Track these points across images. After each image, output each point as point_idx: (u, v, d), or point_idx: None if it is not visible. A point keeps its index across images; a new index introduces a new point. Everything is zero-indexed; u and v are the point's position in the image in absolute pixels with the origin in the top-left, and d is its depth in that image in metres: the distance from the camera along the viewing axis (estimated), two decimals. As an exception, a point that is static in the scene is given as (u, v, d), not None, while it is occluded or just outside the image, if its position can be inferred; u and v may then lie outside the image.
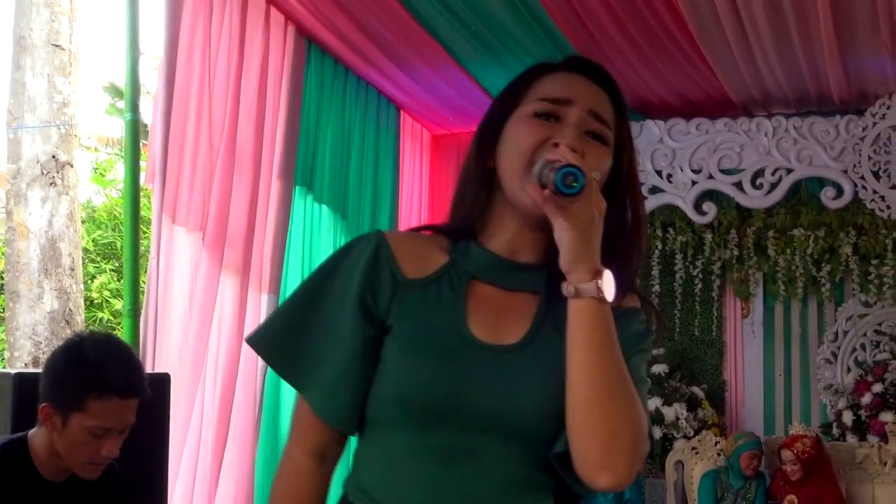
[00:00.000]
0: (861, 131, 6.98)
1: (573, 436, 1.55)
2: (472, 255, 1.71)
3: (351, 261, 1.70)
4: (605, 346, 1.55)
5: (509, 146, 1.67)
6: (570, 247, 1.55)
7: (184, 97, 4.84)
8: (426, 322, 1.66)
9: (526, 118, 1.67)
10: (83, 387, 2.66)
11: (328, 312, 1.68)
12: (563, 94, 1.67)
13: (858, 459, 6.64)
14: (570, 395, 1.55)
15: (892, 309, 7.18)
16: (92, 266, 11.59)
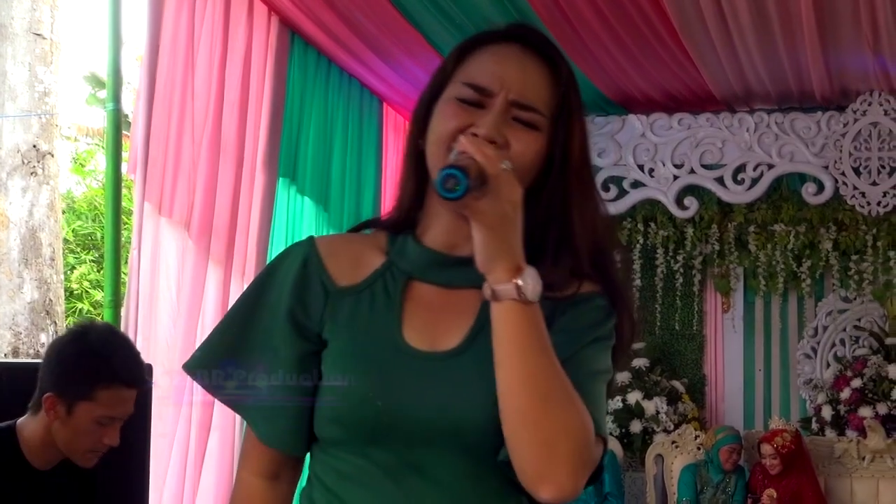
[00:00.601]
0: (842, 127, 7.01)
1: (510, 447, 1.43)
2: (409, 252, 1.60)
3: (282, 274, 1.61)
4: (532, 350, 1.42)
5: (432, 129, 1.55)
6: (482, 246, 1.42)
7: (167, 87, 4.82)
8: (359, 333, 1.56)
9: (450, 101, 1.54)
10: (92, 376, 2.70)
11: (263, 330, 1.60)
12: (487, 83, 1.52)
13: (837, 454, 6.68)
14: (502, 404, 1.42)
15: (871, 304, 7.22)
16: (72, 257, 11.55)
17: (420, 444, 1.50)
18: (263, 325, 1.60)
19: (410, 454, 1.50)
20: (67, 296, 10.53)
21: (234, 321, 1.64)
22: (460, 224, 1.50)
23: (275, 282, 1.62)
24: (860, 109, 6.98)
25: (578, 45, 5.97)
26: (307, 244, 1.63)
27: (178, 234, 4.88)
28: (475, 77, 1.54)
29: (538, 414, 1.40)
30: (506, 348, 1.42)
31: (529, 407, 1.40)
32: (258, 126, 5.47)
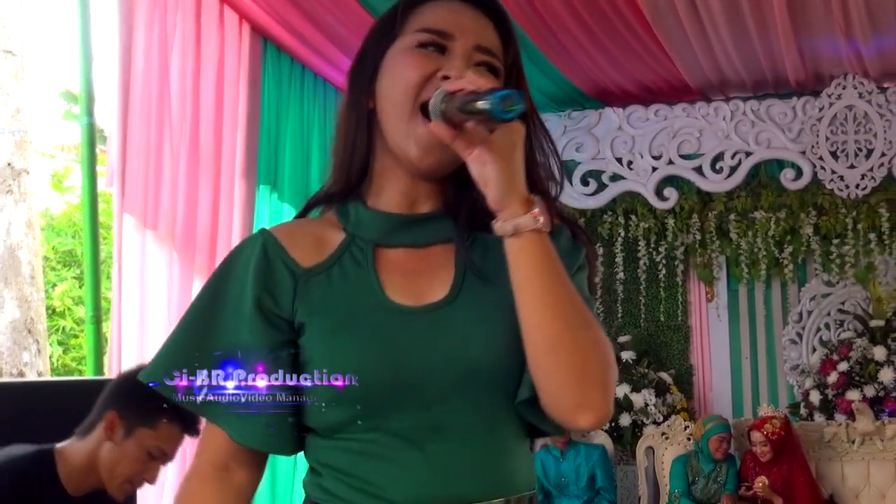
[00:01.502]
0: (818, 112, 7.03)
1: (542, 380, 1.43)
2: (365, 221, 1.55)
3: (241, 266, 1.53)
4: (555, 279, 1.42)
5: (391, 82, 1.50)
6: (497, 180, 1.40)
7: (142, 100, 4.80)
8: (341, 306, 1.49)
9: (408, 50, 1.50)
10: (163, 408, 2.74)
11: (227, 327, 1.50)
12: (446, 26, 1.50)
13: (827, 438, 6.69)
14: (531, 339, 1.42)
15: (854, 287, 7.23)
16: (53, 274, 11.49)
17: (435, 402, 1.45)
18: (227, 321, 1.51)
19: (427, 416, 1.45)
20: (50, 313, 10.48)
21: (193, 322, 1.54)
22: (416, 182, 1.53)
23: (233, 276, 1.53)
24: (835, 93, 7.00)
25: (551, 39, 5.97)
26: (261, 234, 1.55)
27: (163, 246, 4.87)
28: (432, 23, 1.51)
29: (570, 342, 1.41)
30: (532, 281, 1.42)
31: (560, 336, 1.41)
32: (235, 135, 5.45)
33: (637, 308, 7.63)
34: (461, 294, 1.51)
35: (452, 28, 1.51)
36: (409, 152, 1.49)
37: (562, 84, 6.88)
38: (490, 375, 1.48)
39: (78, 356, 10.97)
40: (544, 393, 1.44)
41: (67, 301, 11.35)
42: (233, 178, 5.41)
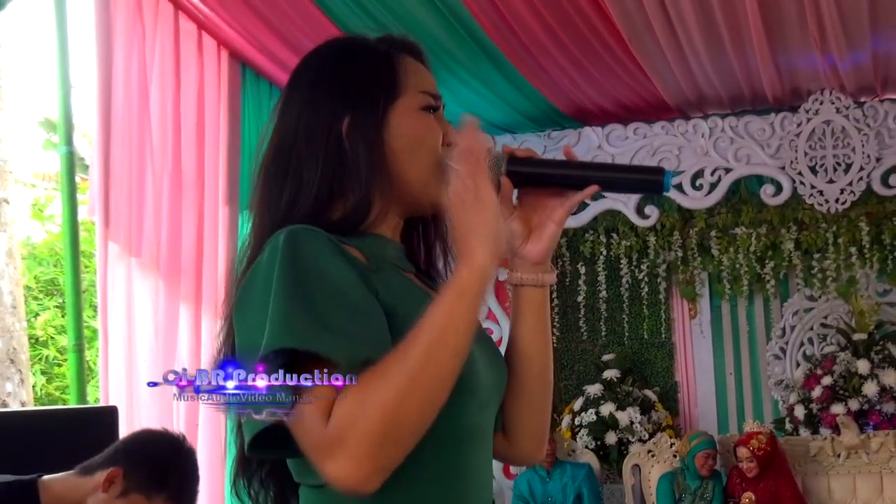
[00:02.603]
0: (796, 127, 7.07)
1: (524, 416, 1.67)
2: (378, 244, 1.58)
3: (319, 249, 1.44)
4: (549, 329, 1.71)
5: (410, 142, 1.59)
6: (553, 239, 1.67)
7: (123, 128, 4.81)
8: (411, 303, 1.48)
9: (417, 113, 1.62)
10: (165, 482, 2.73)
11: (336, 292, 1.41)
12: (434, 88, 1.66)
13: (812, 452, 6.70)
14: (533, 377, 1.67)
15: (836, 301, 7.25)
16: (35, 303, 11.44)
17: (484, 405, 1.56)
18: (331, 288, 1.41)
19: (478, 417, 1.55)
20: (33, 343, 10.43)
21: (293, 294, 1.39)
22: (401, 217, 1.65)
23: (316, 257, 1.43)
24: (812, 108, 7.04)
25: (529, 60, 5.99)
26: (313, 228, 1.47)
27: (148, 274, 4.87)
28: (429, 87, 1.65)
29: (551, 385, 1.70)
30: (546, 328, 1.69)
31: (550, 380, 1.70)
32: (217, 161, 5.47)
33: (620, 326, 7.64)
34: None
35: (436, 90, 1.66)
36: (434, 197, 1.58)
37: (541, 104, 6.90)
38: (503, 391, 1.65)
39: (61, 385, 10.92)
40: (523, 426, 1.68)
41: (50, 330, 11.31)
42: (216, 204, 5.42)
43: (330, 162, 1.57)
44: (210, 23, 5.39)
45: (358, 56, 1.65)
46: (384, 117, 1.59)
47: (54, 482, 2.74)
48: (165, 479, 2.74)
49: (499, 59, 5.94)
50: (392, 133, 1.59)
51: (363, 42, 1.68)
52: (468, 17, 5.37)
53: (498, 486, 7.23)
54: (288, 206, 1.57)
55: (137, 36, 4.95)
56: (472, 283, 1.42)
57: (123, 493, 2.70)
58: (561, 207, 1.66)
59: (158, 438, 2.83)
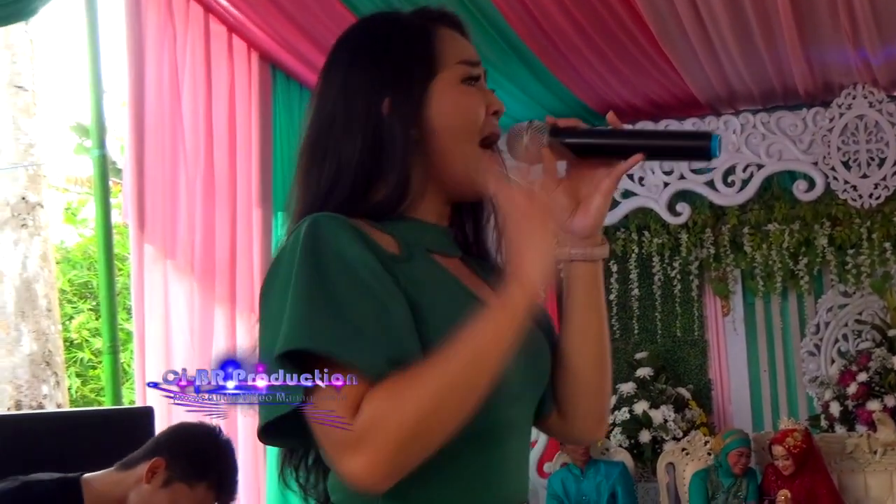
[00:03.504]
0: (829, 122, 7.01)
1: (580, 395, 1.64)
2: (415, 229, 1.55)
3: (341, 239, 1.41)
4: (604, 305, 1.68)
5: (457, 118, 1.56)
6: (602, 211, 1.63)
7: (156, 131, 4.84)
8: (445, 293, 1.49)
9: (459, 86, 1.58)
10: (207, 471, 2.80)
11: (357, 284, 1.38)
12: (474, 56, 1.61)
13: (849, 449, 6.66)
14: (587, 354, 1.63)
15: (871, 297, 7.20)
16: (69, 306, 11.53)
17: (514, 399, 1.52)
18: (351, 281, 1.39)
19: (503, 410, 1.49)
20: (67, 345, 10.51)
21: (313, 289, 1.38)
22: (445, 201, 1.60)
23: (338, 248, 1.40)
24: (845, 103, 6.98)
25: (557, 57, 5.98)
26: (337, 217, 1.45)
27: (183, 276, 4.89)
28: (465, 55, 1.60)
29: (608, 360, 1.67)
30: (601, 302, 1.65)
31: (606, 354, 1.66)
32: (249, 163, 5.49)
33: (653, 324, 7.61)
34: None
35: (475, 57, 1.61)
36: (474, 178, 1.56)
37: (570, 101, 6.89)
38: (545, 380, 1.62)
39: (96, 387, 10.99)
40: (580, 405, 1.64)
41: (84, 333, 11.39)
42: (249, 205, 5.44)
43: (368, 144, 1.54)
44: (240, 25, 5.41)
45: (392, 33, 1.61)
46: (424, 95, 1.55)
47: (96, 479, 2.78)
48: (206, 467, 2.80)
49: (527, 56, 5.93)
50: (432, 110, 1.55)
51: (397, 18, 1.65)
52: (497, 15, 5.37)
53: (532, 484, 7.22)
54: (326, 190, 1.55)
55: (168, 39, 4.98)
56: (521, 301, 1.41)
57: (166, 483, 2.75)
58: (608, 178, 1.61)
59: (196, 430, 2.87)
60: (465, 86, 1.58)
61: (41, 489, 2.72)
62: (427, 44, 1.58)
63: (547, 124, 1.60)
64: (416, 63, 1.57)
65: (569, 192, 1.63)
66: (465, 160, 1.56)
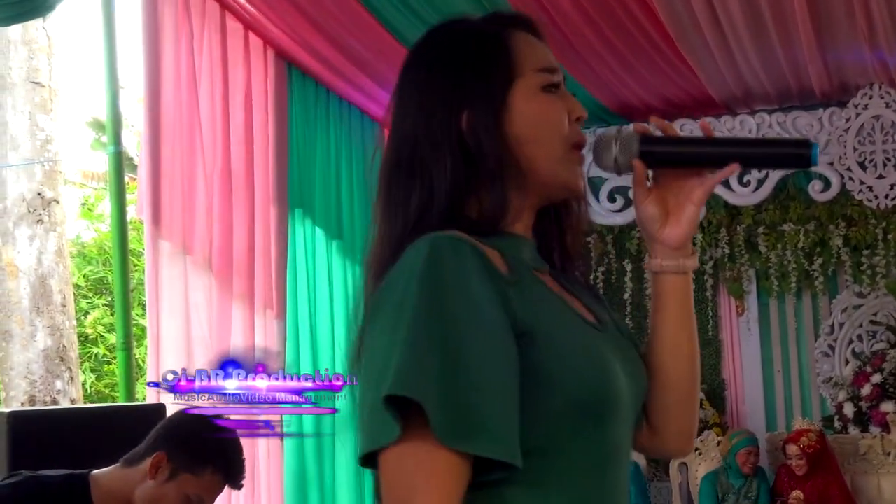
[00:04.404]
0: (845, 123, 6.99)
1: (675, 410, 1.60)
2: (512, 245, 1.50)
3: (466, 273, 1.34)
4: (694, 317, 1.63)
5: (538, 127, 1.51)
6: (694, 222, 1.57)
7: (173, 127, 4.86)
8: (558, 319, 1.44)
9: (539, 94, 1.52)
10: (210, 457, 2.79)
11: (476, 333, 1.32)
12: (551, 62, 1.56)
13: (862, 451, 6.64)
14: (681, 369, 1.59)
15: (886, 298, 7.18)
16: (84, 302, 11.57)
17: (623, 420, 1.47)
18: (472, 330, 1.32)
19: (620, 434, 1.46)
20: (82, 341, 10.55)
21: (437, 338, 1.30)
22: (532, 211, 1.55)
23: (465, 289, 1.34)
24: (861, 104, 6.96)
25: (573, 56, 5.97)
26: (460, 238, 1.38)
27: (200, 273, 4.91)
28: (546, 62, 1.55)
29: (698, 375, 1.64)
30: (691, 315, 1.61)
31: (698, 369, 1.63)
32: (266, 160, 5.50)
33: (668, 323, 7.59)
34: (607, 325, 1.56)
35: (553, 63, 1.56)
36: (569, 182, 1.54)
37: (586, 101, 6.87)
38: (643, 399, 1.58)
39: (111, 383, 11.04)
40: (671, 420, 1.61)
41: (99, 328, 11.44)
42: (266, 202, 5.46)
43: (457, 162, 1.48)
44: (256, 22, 5.42)
45: (465, 43, 1.55)
46: (503, 106, 1.50)
47: (103, 476, 2.79)
48: (207, 453, 2.79)
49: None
50: (514, 121, 1.50)
51: (469, 27, 1.58)
52: (511, 13, 5.36)
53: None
54: (419, 211, 1.47)
55: (185, 36, 5.00)
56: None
57: (171, 475, 2.75)
58: (700, 188, 1.56)
59: (194, 417, 2.84)
60: (546, 94, 1.53)
61: (49, 485, 2.73)
62: (502, 52, 1.53)
63: (637, 132, 1.56)
64: (492, 73, 1.51)
65: (658, 202, 1.58)
66: (551, 163, 1.52)
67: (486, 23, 1.58)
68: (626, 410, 1.47)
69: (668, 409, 1.59)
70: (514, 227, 1.52)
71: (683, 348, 1.60)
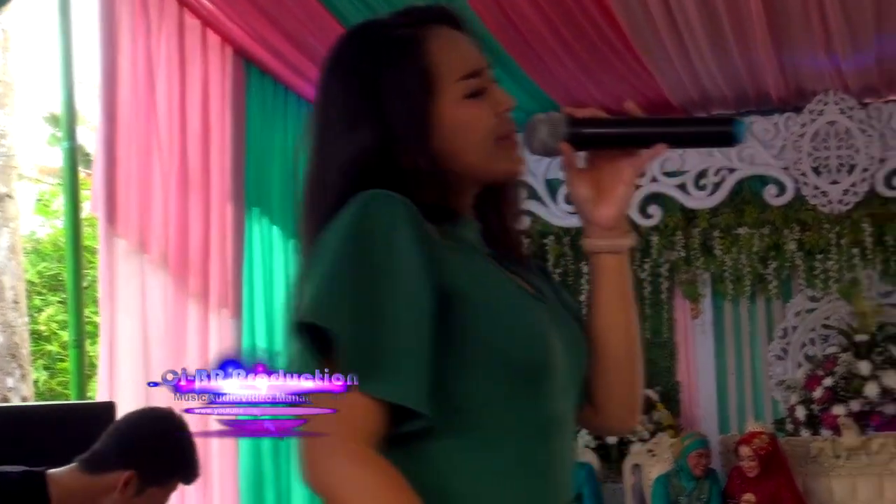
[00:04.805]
0: (800, 128, 7.05)
1: (615, 384, 1.60)
2: (457, 225, 1.53)
3: (395, 224, 1.37)
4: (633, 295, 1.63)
5: (468, 136, 1.49)
6: (625, 201, 1.58)
7: (129, 123, 4.81)
8: (489, 278, 1.47)
9: (462, 104, 1.51)
10: (177, 467, 2.81)
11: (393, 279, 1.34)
12: (475, 65, 1.53)
13: (813, 453, 6.70)
14: (619, 345, 1.60)
15: (839, 303, 7.24)
16: (38, 299, 11.46)
17: (561, 391, 1.47)
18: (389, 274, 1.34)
19: (556, 404, 1.46)
20: (35, 338, 10.45)
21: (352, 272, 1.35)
22: (471, 197, 1.56)
23: (389, 235, 1.36)
24: (816, 109, 7.02)
25: (530, 55, 5.99)
26: (398, 197, 1.39)
27: (155, 270, 4.88)
28: (467, 67, 1.53)
29: (640, 350, 1.64)
30: (629, 292, 1.62)
31: (637, 344, 1.63)
32: (223, 158, 5.48)
33: (623, 325, 7.61)
34: (548, 299, 1.57)
35: (477, 63, 1.54)
36: (506, 171, 1.56)
37: (542, 101, 6.88)
38: (583, 372, 1.58)
39: (64, 380, 10.93)
40: (613, 396, 1.61)
41: (53, 325, 11.33)
42: (222, 201, 5.43)
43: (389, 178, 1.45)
44: (214, 19, 5.39)
45: (385, 58, 1.51)
46: (426, 125, 1.49)
47: (62, 476, 2.75)
48: (176, 465, 2.80)
49: (502, 57, 5.93)
50: (440, 136, 1.49)
51: (386, 35, 1.54)
52: (472, 16, 5.36)
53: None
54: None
55: (142, 31, 4.95)
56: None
57: (139, 491, 2.74)
58: (630, 167, 1.57)
59: (158, 426, 2.83)
60: (470, 101, 1.51)
61: (7, 481, 2.71)
62: (421, 68, 1.50)
63: (564, 115, 1.57)
64: (412, 94, 1.49)
65: (591, 183, 1.59)
66: (487, 162, 1.53)
67: (405, 25, 1.55)
68: (564, 380, 1.47)
69: (610, 387, 1.60)
70: (455, 208, 1.54)
71: (621, 326, 1.60)
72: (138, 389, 4.62)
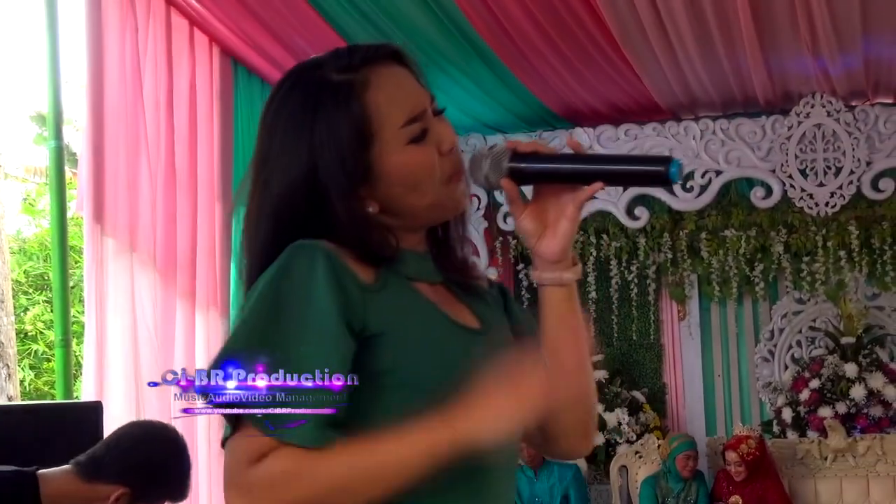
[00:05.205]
0: (787, 131, 7.05)
1: (566, 412, 1.62)
2: (399, 260, 1.55)
3: (310, 280, 1.42)
4: (582, 326, 1.65)
5: (410, 181, 1.52)
6: (568, 235, 1.60)
7: (116, 122, 4.79)
8: (417, 321, 1.50)
9: (404, 150, 1.52)
10: (171, 489, 2.84)
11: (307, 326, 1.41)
12: (416, 108, 1.54)
13: (799, 455, 6.72)
14: (564, 378, 1.59)
15: (825, 305, 7.27)
16: (25, 298, 11.44)
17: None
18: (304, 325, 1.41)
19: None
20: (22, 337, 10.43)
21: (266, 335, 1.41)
22: (418, 230, 1.59)
23: (305, 288, 1.42)
24: (803, 112, 7.02)
25: (521, 60, 5.99)
26: (318, 246, 1.44)
27: (141, 270, 4.86)
28: (407, 112, 1.52)
29: (591, 378, 1.68)
30: (580, 324, 1.63)
31: (590, 374, 1.67)
32: (211, 157, 5.46)
33: (609, 327, 7.64)
34: (490, 328, 1.61)
35: (418, 106, 1.54)
36: (452, 210, 1.59)
37: (532, 104, 6.90)
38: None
39: (50, 380, 10.92)
40: (561, 423, 1.63)
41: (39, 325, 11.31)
42: (210, 200, 5.42)
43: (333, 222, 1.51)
44: (202, 19, 5.38)
45: (322, 112, 1.51)
46: (367, 175, 1.51)
47: (54, 478, 2.75)
48: (170, 488, 2.84)
49: (491, 59, 5.93)
50: (383, 183, 1.52)
51: (322, 81, 1.54)
52: (460, 17, 5.37)
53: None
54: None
55: (129, 30, 4.94)
56: (445, 448, 1.39)
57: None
58: (572, 203, 1.60)
59: (161, 450, 2.86)
60: (412, 146, 1.52)
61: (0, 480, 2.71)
62: (357, 115, 1.50)
63: (507, 150, 1.58)
64: (344, 140, 1.50)
65: (536, 217, 1.61)
66: (431, 205, 1.55)
67: (346, 68, 1.54)
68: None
69: (556, 415, 1.60)
70: (402, 244, 1.55)
71: (566, 355, 1.61)
72: (125, 389, 4.61)
